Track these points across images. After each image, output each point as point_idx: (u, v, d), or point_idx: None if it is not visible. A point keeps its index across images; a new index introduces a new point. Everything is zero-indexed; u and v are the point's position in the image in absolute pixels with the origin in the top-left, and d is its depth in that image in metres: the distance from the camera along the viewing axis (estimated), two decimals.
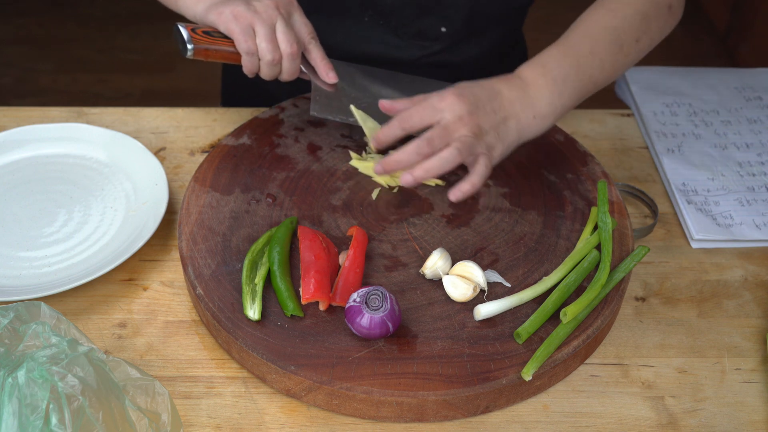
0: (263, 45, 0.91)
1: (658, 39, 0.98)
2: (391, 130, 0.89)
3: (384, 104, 0.92)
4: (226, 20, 0.91)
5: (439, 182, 0.95)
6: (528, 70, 0.92)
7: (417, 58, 1.11)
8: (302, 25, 0.95)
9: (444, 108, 0.87)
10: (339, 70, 1.00)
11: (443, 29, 1.08)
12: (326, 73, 0.97)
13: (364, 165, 0.98)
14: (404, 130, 0.89)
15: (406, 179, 0.87)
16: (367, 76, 1.00)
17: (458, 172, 0.97)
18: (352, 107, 0.96)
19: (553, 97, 0.91)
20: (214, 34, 0.94)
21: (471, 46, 1.12)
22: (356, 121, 0.97)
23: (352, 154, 1.00)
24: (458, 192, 0.87)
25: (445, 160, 0.85)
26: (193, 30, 0.93)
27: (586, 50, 0.93)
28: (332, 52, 1.01)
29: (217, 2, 0.93)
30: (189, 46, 0.92)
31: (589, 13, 0.96)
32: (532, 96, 0.91)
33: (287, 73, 0.94)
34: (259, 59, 0.92)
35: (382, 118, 0.95)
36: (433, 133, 0.86)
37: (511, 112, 0.89)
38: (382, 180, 0.96)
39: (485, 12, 1.07)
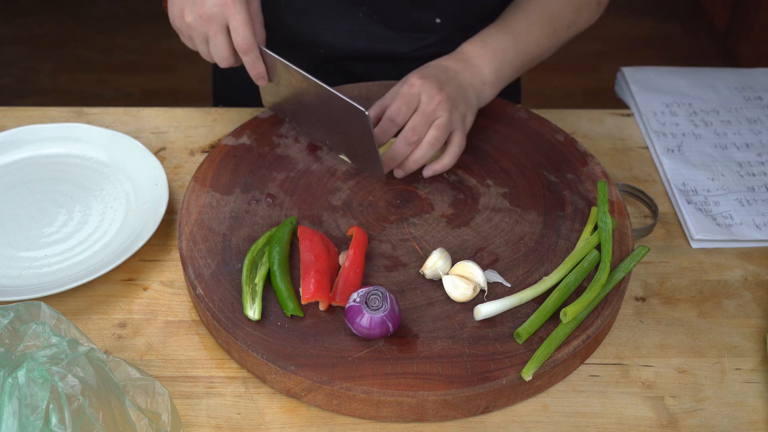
0: (204, 55, 0.94)
1: (584, 28, 1.09)
2: (388, 131, 0.95)
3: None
4: (174, 27, 0.94)
5: None
6: (468, 46, 1.02)
7: (411, 51, 1.12)
8: (235, 36, 0.90)
9: (416, 92, 0.94)
10: (282, 74, 0.96)
11: (437, 20, 1.10)
12: (256, 81, 0.96)
13: None
14: (398, 125, 0.95)
15: (398, 174, 0.96)
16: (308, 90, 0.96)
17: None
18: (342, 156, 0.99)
19: (495, 65, 1.00)
20: None
21: (464, 39, 1.12)
22: (309, 131, 1.01)
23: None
24: (438, 166, 0.96)
25: (430, 145, 0.94)
26: None
27: (523, 29, 1.03)
28: (327, 49, 1.00)
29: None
30: None
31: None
32: (475, 65, 0.99)
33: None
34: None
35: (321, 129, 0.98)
36: (415, 121, 0.93)
37: (464, 81, 0.98)
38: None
39: (478, 3, 1.08)
